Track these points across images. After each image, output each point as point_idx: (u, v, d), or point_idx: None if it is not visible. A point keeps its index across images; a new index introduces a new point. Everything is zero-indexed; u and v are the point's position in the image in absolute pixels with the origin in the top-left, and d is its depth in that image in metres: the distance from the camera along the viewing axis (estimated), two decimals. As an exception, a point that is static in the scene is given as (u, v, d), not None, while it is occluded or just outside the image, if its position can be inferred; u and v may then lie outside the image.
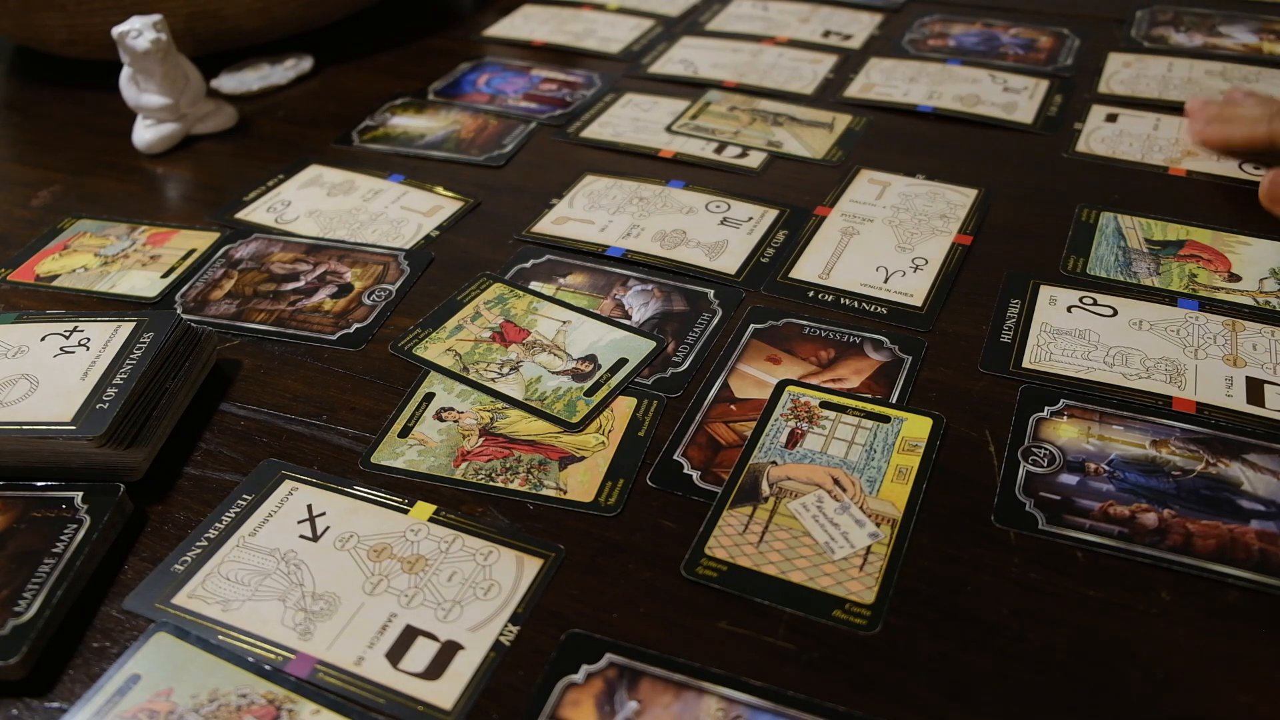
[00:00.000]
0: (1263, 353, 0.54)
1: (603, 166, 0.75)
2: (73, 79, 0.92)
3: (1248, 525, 0.44)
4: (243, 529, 0.47)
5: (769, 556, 0.44)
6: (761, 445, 0.50)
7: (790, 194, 0.70)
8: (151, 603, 0.44)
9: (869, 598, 0.42)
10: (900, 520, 0.46)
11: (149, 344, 0.52)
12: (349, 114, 0.84)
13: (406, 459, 0.50)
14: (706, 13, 0.99)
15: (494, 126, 0.81)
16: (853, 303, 0.59)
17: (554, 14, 1.01)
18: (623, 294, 0.61)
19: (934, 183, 0.70)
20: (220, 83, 0.89)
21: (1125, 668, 0.39)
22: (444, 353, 0.57)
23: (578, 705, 0.39)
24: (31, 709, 0.40)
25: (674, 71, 0.88)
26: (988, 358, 0.55)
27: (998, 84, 0.83)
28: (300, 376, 0.56)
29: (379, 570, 0.44)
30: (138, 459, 0.49)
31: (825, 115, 0.80)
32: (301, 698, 0.40)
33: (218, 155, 0.80)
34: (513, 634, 0.42)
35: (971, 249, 0.64)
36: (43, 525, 0.45)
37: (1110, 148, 0.73)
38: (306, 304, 0.62)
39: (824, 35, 0.93)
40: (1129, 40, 0.89)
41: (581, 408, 0.53)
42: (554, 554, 0.45)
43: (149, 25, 0.75)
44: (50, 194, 0.76)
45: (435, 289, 0.62)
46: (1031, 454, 0.48)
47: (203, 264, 0.66)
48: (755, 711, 0.38)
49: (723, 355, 0.56)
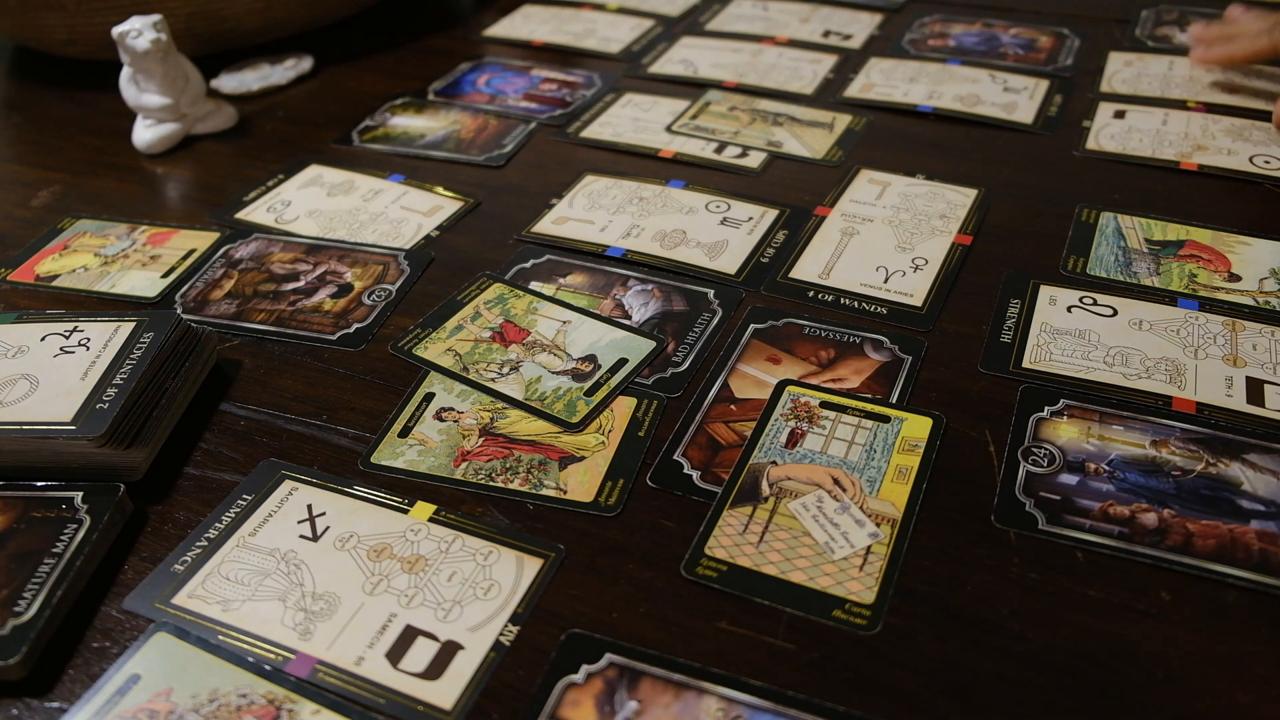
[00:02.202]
0: (1263, 353, 0.54)
1: (603, 166, 0.75)
2: (73, 79, 0.92)
3: (1248, 525, 0.44)
4: (243, 529, 0.47)
5: (769, 556, 0.44)
6: (761, 445, 0.50)
7: (790, 194, 0.70)
8: (151, 603, 0.44)
9: (869, 598, 0.42)
10: (900, 520, 0.46)
11: (149, 344, 0.52)
12: (349, 114, 0.84)
13: (406, 459, 0.50)
14: (706, 13, 0.99)
15: (494, 126, 0.81)
16: (853, 303, 0.59)
17: (554, 14, 1.01)
18: (623, 294, 0.61)
19: (934, 183, 0.70)
20: (220, 83, 0.89)
21: (1125, 668, 0.39)
22: (444, 353, 0.57)
23: (578, 705, 0.39)
24: (31, 709, 0.40)
25: (674, 71, 0.88)
26: (988, 358, 0.55)
27: (998, 84, 0.83)
28: (300, 376, 0.56)
29: (379, 570, 0.44)
30: (138, 459, 0.49)
31: (825, 115, 0.80)
32: (301, 698, 0.40)
33: (218, 155, 0.80)
34: (513, 634, 0.42)
35: (971, 249, 0.64)
36: (43, 525, 0.45)
37: (1120, 144, 0.73)
38: (306, 304, 0.62)
39: (824, 35, 0.93)
40: (1131, 40, 0.89)
41: (581, 408, 0.53)
42: (554, 554, 0.45)
43: (149, 25, 0.75)
44: (50, 194, 0.76)
45: (435, 289, 0.62)
46: (1031, 454, 0.48)
47: (203, 264, 0.66)
48: (755, 711, 0.38)
49: (723, 355, 0.56)
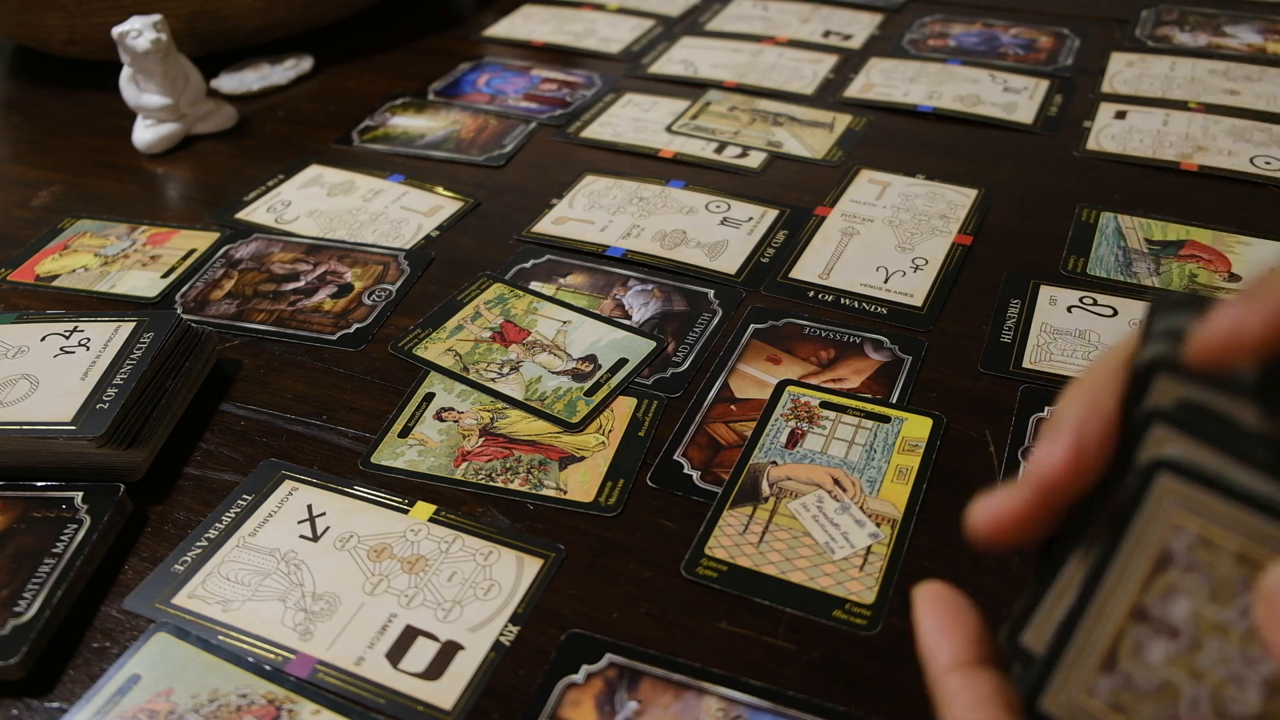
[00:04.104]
0: (1263, 353, 0.54)
1: (603, 166, 0.75)
2: (73, 79, 0.92)
3: (1248, 525, 0.44)
4: (243, 529, 0.47)
5: (769, 556, 0.44)
6: (762, 445, 0.50)
7: (790, 194, 0.70)
8: (151, 603, 0.44)
9: (869, 598, 0.42)
10: (900, 520, 0.46)
11: (149, 344, 0.52)
12: (349, 114, 0.84)
13: (407, 459, 0.50)
14: (706, 13, 0.99)
15: (494, 126, 0.81)
16: (853, 303, 0.59)
17: (554, 14, 1.01)
18: (623, 294, 0.61)
19: (934, 183, 0.70)
20: (220, 83, 0.89)
21: (1125, 668, 0.39)
22: (444, 353, 0.57)
23: (578, 705, 0.39)
24: (31, 709, 0.40)
25: (674, 71, 0.88)
26: (988, 358, 0.55)
27: (998, 84, 0.83)
28: (300, 376, 0.56)
29: (379, 570, 0.44)
30: (138, 459, 0.49)
31: (825, 115, 0.80)
32: (301, 698, 0.39)
33: (218, 155, 0.80)
34: (513, 634, 0.42)
35: (971, 249, 0.64)
36: (43, 525, 0.45)
37: (1121, 144, 0.73)
38: (306, 304, 0.62)
39: (824, 35, 0.93)
40: (1132, 40, 0.89)
41: (581, 408, 0.53)
42: (554, 554, 0.45)
43: (149, 25, 0.75)
44: (50, 194, 0.76)
45: (435, 289, 0.62)
46: (1031, 454, 0.48)
47: (203, 264, 0.66)
48: (755, 711, 0.38)
49: (723, 355, 0.56)
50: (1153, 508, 0.23)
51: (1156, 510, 0.23)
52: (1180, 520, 0.22)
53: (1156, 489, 0.22)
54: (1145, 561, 0.23)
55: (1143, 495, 0.23)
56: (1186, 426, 0.22)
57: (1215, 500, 0.22)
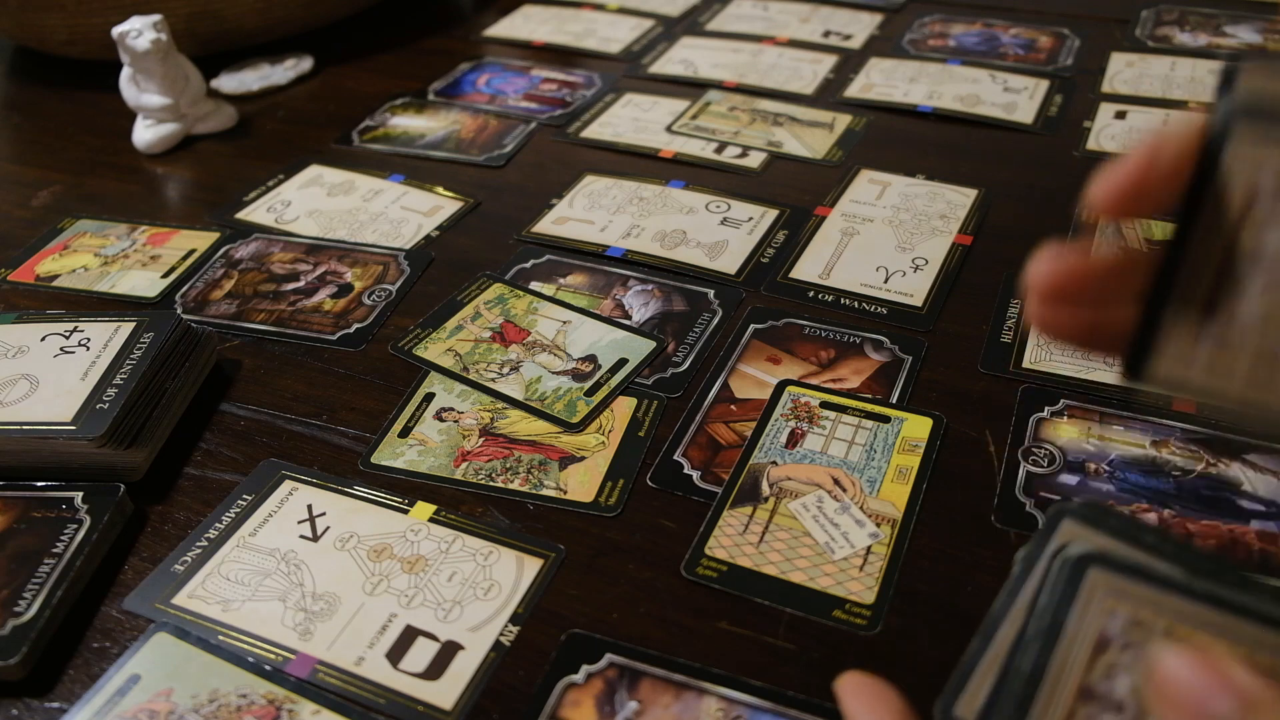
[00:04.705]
0: (1263, 353, 0.54)
1: (603, 166, 0.75)
2: (73, 79, 0.92)
3: (1248, 525, 0.44)
4: (243, 529, 0.47)
5: (769, 556, 0.44)
6: (762, 445, 0.50)
7: (790, 194, 0.70)
8: (151, 603, 0.44)
9: (869, 598, 0.42)
10: (900, 520, 0.46)
11: (149, 344, 0.52)
12: (349, 114, 0.84)
13: (407, 459, 0.50)
14: (706, 13, 0.99)
15: (494, 126, 0.81)
16: (853, 303, 0.59)
17: (554, 14, 1.01)
18: (623, 294, 0.61)
19: (934, 183, 0.70)
20: (220, 83, 0.89)
21: (1125, 668, 0.39)
22: (444, 353, 0.57)
23: (578, 705, 0.39)
24: (31, 709, 0.40)
25: (674, 71, 0.88)
26: (988, 358, 0.55)
27: (998, 84, 0.83)
28: (300, 376, 0.56)
29: (379, 570, 0.44)
30: (138, 459, 0.49)
31: (825, 115, 0.80)
32: (301, 698, 0.39)
33: (218, 155, 0.80)
34: (513, 634, 0.42)
35: (971, 249, 0.64)
36: (43, 525, 0.45)
37: (1121, 145, 0.73)
38: (306, 304, 0.62)
39: (824, 35, 0.93)
40: (1132, 40, 0.89)
41: (581, 408, 0.53)
42: (554, 554, 0.45)
43: (149, 25, 0.75)
44: (50, 194, 0.76)
45: (435, 289, 0.62)
46: (1032, 454, 0.48)
47: (203, 264, 0.66)
48: (755, 711, 0.38)
49: (723, 355, 0.56)
50: (1088, 596, 0.26)
51: (1091, 597, 0.26)
52: (1113, 605, 0.25)
53: (1089, 579, 0.26)
54: (1086, 646, 0.25)
55: (1078, 584, 0.26)
56: (1094, 522, 0.27)
57: (1141, 586, 0.25)
